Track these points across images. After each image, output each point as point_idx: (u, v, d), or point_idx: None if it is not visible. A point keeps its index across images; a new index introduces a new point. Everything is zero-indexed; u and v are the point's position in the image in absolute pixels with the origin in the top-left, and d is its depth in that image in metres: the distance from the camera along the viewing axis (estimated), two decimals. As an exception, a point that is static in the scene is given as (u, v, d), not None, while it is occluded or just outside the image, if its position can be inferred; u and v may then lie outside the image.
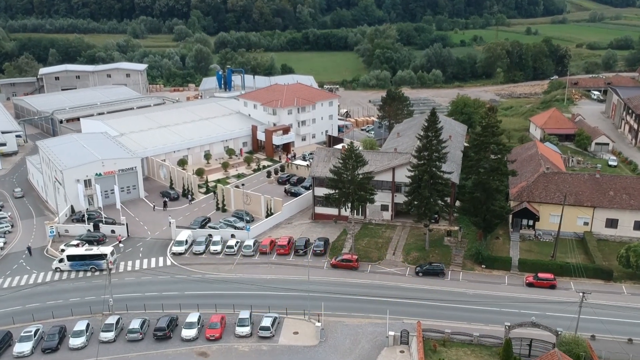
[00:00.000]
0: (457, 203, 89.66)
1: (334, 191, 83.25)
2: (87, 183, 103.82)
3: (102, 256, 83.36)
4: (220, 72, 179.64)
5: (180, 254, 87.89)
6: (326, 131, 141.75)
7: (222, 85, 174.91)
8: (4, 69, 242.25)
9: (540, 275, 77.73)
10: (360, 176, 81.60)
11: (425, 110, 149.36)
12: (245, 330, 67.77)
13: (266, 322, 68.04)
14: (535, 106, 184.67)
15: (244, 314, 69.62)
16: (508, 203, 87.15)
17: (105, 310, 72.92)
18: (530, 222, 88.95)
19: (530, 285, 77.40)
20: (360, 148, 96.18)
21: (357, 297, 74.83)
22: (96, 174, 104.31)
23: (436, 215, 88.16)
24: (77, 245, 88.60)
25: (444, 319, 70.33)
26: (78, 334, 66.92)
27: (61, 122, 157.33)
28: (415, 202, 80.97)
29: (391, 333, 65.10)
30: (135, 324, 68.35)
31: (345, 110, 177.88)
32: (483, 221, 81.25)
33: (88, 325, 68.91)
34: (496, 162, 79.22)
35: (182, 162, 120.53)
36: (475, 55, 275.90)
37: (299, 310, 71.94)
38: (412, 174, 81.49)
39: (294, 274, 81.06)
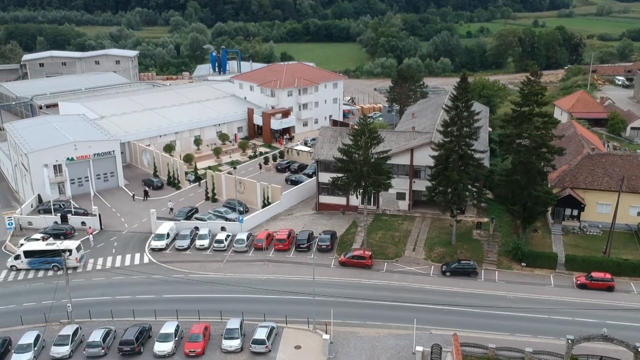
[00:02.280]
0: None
1: (342, 175, 69.45)
2: (57, 169, 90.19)
3: (66, 252, 69.62)
4: (214, 54, 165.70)
5: (160, 249, 74.25)
6: (330, 116, 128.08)
7: (216, 68, 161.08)
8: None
9: (595, 274, 64.10)
10: (375, 156, 67.69)
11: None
12: (235, 343, 53.97)
13: (261, 333, 54.28)
14: (554, 93, 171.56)
15: (233, 323, 55.85)
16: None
17: (63, 318, 59.32)
18: (575, 212, 75.15)
19: (582, 286, 63.80)
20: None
21: (373, 301, 61.01)
22: (67, 159, 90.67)
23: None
24: (42, 240, 74.96)
25: (482, 329, 56.65)
26: (23, 349, 53.08)
27: (40, 107, 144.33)
28: (441, 188, 67.21)
29: (419, 348, 51.21)
30: (96, 335, 54.55)
31: (349, 97, 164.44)
32: (523, 210, 67.46)
33: (38, 337, 55.06)
34: (540, 138, 65.42)
35: (169, 148, 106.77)
36: (484, 44, 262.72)
37: (302, 318, 58.30)
38: (437, 153, 67.80)
39: (296, 274, 67.48)
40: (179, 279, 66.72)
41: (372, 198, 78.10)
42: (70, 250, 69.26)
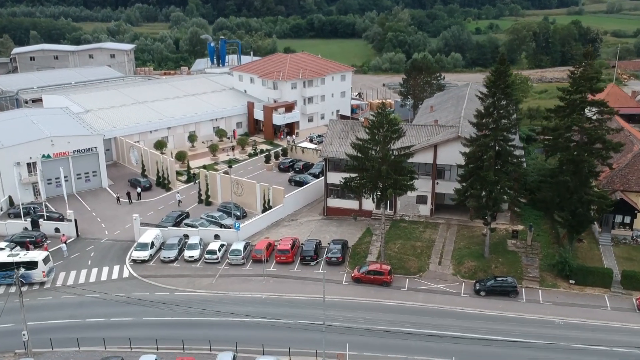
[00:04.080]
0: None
1: (356, 175, 58.83)
2: (32, 167, 79.88)
3: (32, 264, 59.31)
4: (212, 44, 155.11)
5: (143, 261, 63.76)
6: (337, 111, 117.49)
7: (215, 60, 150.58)
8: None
9: (661, 296, 53.46)
10: (395, 152, 56.98)
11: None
12: (226, 384, 43.52)
13: (258, 371, 43.86)
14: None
15: (225, 357, 45.34)
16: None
17: (19, 347, 48.98)
18: (627, 219, 64.42)
19: (646, 310, 53.18)
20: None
21: (395, 328, 50.38)
22: (43, 156, 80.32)
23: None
24: (11, 250, 64.59)
25: (531, 365, 46.15)
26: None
27: (26, 102, 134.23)
28: (474, 190, 56.53)
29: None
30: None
31: (357, 92, 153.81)
32: (572, 217, 56.75)
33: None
34: (594, 132, 54.71)
35: (160, 145, 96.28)
36: (496, 40, 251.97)
37: (309, 348, 47.91)
38: (470, 149, 57.19)
39: (301, 292, 56.97)
40: (163, 298, 56.25)
41: (388, 202, 67.31)
42: (35, 263, 58.86)
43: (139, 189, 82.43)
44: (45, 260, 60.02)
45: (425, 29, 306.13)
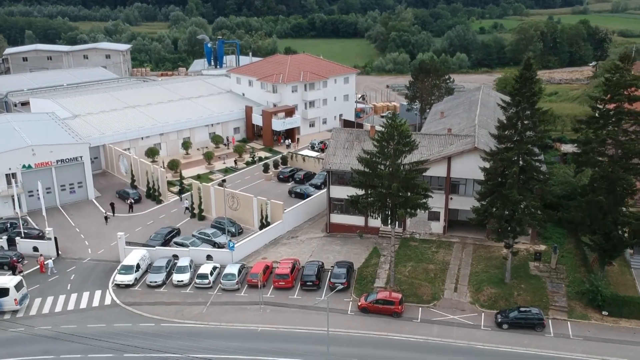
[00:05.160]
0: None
1: (363, 191, 52.83)
2: (12, 178, 73.98)
3: (2, 291, 53.44)
4: (209, 45, 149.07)
5: (127, 285, 57.81)
6: (340, 115, 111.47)
7: (212, 62, 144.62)
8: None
9: None
10: (407, 167, 50.94)
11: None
12: None
13: None
14: (587, 91, 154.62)
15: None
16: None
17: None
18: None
19: (691, 347, 47.15)
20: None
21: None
22: (23, 166, 74.44)
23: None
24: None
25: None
26: None
27: (15, 105, 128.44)
28: (495, 211, 50.48)
29: None
30: None
31: (360, 95, 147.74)
32: (606, 240, 50.72)
33: None
34: (632, 145, 48.64)
35: (152, 152, 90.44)
36: (502, 39, 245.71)
37: (311, 395, 41.97)
38: (490, 164, 51.20)
39: (302, 324, 50.98)
40: (148, 330, 50.36)
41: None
42: (6, 290, 52.98)
43: (129, 201, 76.55)
44: (18, 287, 54.03)
45: (428, 29, 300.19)
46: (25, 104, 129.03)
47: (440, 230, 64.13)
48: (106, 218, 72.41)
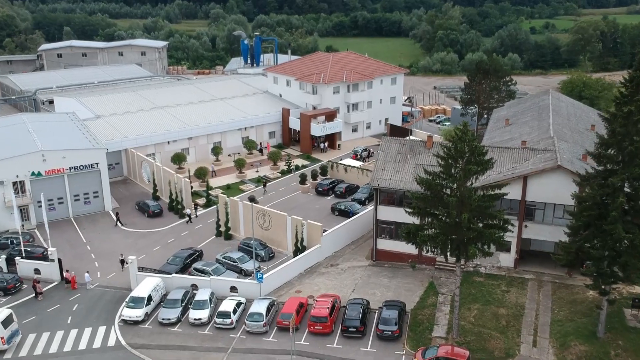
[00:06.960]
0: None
1: (426, 220, 42.51)
2: (20, 186, 66.22)
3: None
4: (245, 42, 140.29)
5: (136, 322, 48.80)
6: (386, 119, 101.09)
7: (249, 60, 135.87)
8: (5, 45, 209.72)
9: None
10: (480, 192, 40.37)
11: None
12: None
13: None
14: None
15: None
16: None
17: None
18: None
19: None
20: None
21: None
22: (32, 174, 66.55)
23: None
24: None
25: None
26: None
27: (43, 103, 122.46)
28: (593, 251, 39.46)
29: None
30: None
31: (407, 97, 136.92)
32: None
33: None
34: None
35: (179, 158, 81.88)
36: (556, 40, 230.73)
37: None
38: (587, 192, 40.24)
39: (342, 384, 41.04)
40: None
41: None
42: (-8, 327, 44.59)
43: (149, 214, 68.04)
44: (6, 323, 45.50)
45: (476, 28, 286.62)
46: (52, 102, 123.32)
47: (510, 264, 53.28)
48: (122, 262, 57.96)
